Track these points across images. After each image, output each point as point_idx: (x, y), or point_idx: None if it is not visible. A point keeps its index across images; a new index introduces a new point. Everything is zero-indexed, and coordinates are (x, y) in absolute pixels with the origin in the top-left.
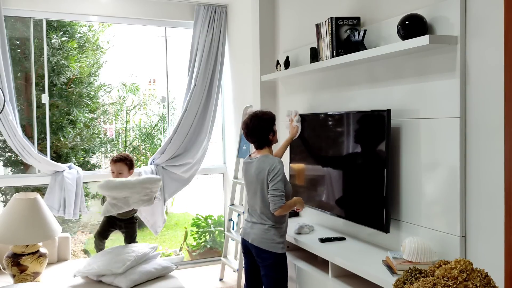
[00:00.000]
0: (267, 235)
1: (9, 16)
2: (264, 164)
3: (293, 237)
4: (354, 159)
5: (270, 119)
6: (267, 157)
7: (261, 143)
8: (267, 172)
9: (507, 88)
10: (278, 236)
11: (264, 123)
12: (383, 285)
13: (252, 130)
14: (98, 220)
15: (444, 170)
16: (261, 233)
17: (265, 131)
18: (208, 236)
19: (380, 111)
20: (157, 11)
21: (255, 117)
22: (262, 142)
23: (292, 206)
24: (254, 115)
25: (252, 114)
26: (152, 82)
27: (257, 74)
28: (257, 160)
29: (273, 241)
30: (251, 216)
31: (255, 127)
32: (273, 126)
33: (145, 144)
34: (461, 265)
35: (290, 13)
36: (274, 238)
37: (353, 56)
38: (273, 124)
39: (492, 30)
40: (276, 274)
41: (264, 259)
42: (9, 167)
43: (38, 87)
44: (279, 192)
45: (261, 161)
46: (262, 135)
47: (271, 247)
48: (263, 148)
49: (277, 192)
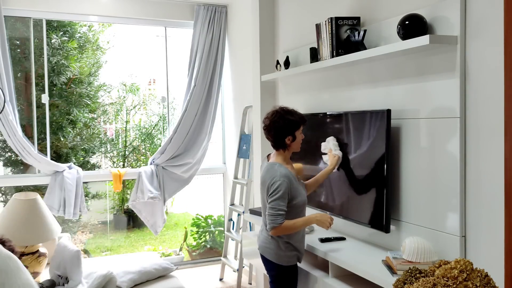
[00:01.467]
0: (270, 245)
1: (9, 16)
2: (267, 175)
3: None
4: (354, 159)
5: (293, 121)
6: (273, 167)
7: (276, 144)
8: (267, 186)
9: (507, 88)
10: (282, 248)
11: (285, 123)
12: (383, 285)
13: (269, 126)
14: (98, 220)
15: (444, 170)
16: (265, 242)
17: (282, 132)
18: (208, 236)
19: (380, 111)
20: (157, 11)
21: (277, 114)
22: (277, 143)
23: (300, 226)
24: (277, 111)
25: (277, 109)
26: (152, 82)
27: (257, 74)
28: (264, 166)
29: (276, 252)
30: (263, 221)
31: (274, 124)
32: (294, 130)
33: (145, 144)
34: (461, 265)
35: (290, 13)
36: (277, 249)
37: (353, 56)
38: (296, 129)
39: (492, 30)
40: (278, 286)
41: (268, 269)
42: (9, 167)
43: (38, 87)
44: (276, 211)
45: (266, 171)
46: (278, 136)
47: (274, 258)
48: (278, 150)
49: (273, 210)
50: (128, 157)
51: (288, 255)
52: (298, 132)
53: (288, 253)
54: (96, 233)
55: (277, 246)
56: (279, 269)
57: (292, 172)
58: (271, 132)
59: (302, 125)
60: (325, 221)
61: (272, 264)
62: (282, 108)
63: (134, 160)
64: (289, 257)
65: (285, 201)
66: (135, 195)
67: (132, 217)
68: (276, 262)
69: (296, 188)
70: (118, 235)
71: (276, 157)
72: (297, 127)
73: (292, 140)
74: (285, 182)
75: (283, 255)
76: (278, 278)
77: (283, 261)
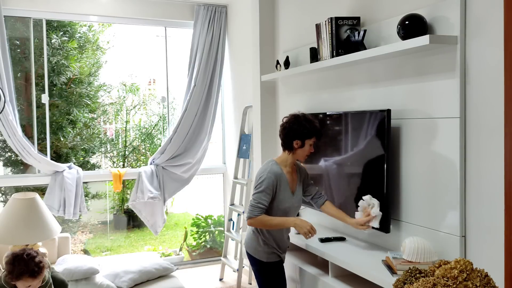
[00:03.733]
0: (251, 240)
1: (9, 16)
2: (260, 170)
3: (293, 237)
4: (354, 159)
5: (307, 129)
6: (267, 164)
7: (284, 144)
8: (255, 179)
9: (507, 88)
10: (261, 244)
11: (299, 127)
12: (383, 285)
13: (284, 125)
14: (98, 220)
15: (444, 170)
16: (248, 236)
17: (293, 135)
18: (208, 236)
19: (380, 111)
20: (157, 11)
21: (296, 117)
22: (285, 144)
23: (275, 225)
24: (298, 115)
25: (298, 114)
26: (152, 82)
27: (257, 74)
28: (265, 163)
29: (255, 247)
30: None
31: (289, 125)
32: (305, 138)
33: (145, 144)
34: (461, 265)
35: (290, 13)
36: (256, 245)
37: (353, 56)
38: (307, 137)
39: (492, 30)
40: (260, 280)
41: (251, 263)
42: (9, 167)
43: (38, 87)
44: (256, 203)
45: (261, 166)
46: (288, 137)
47: (253, 252)
48: (284, 151)
49: (253, 202)
50: (128, 157)
51: (266, 251)
52: (308, 141)
53: (266, 249)
54: (96, 233)
55: (256, 242)
56: (260, 264)
57: (287, 175)
58: (284, 131)
59: (314, 136)
60: (303, 227)
61: (253, 258)
62: (303, 114)
63: (134, 160)
64: (267, 253)
65: (267, 196)
66: (135, 195)
67: (132, 217)
68: (256, 257)
69: (283, 191)
70: (118, 235)
71: (278, 157)
72: (308, 136)
73: (300, 145)
74: (272, 179)
75: (261, 251)
76: (260, 273)
77: (262, 256)
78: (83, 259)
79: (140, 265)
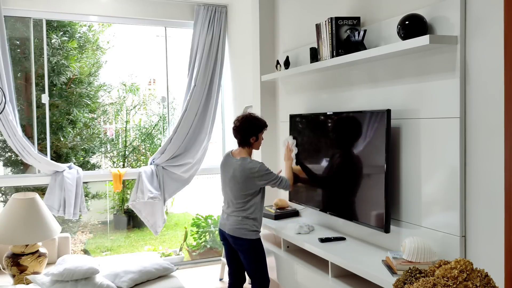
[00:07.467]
0: (241, 225)
1: (9, 16)
2: (248, 165)
3: (293, 237)
4: (354, 159)
5: (258, 125)
6: (246, 161)
7: (242, 142)
8: (256, 176)
9: (507, 88)
10: (251, 225)
11: (251, 126)
12: (383, 285)
13: (238, 127)
14: (98, 220)
15: (444, 170)
16: (235, 224)
17: (248, 133)
18: (208, 236)
19: (380, 111)
20: (157, 11)
21: (247, 118)
22: (243, 141)
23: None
24: (247, 116)
25: (247, 115)
26: (152, 82)
27: (257, 74)
28: (241, 161)
29: (246, 230)
30: (228, 207)
31: (243, 125)
32: (258, 133)
33: (145, 144)
34: (461, 265)
35: (290, 13)
36: (247, 227)
37: (353, 56)
38: (260, 132)
39: (492, 30)
40: (252, 256)
41: (240, 245)
42: (9, 167)
43: (38, 87)
44: (277, 178)
45: (245, 163)
46: (245, 135)
47: (244, 234)
48: (244, 147)
49: (277, 179)
50: (128, 157)
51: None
52: (261, 134)
53: (255, 228)
54: (96, 233)
55: (245, 225)
56: (250, 242)
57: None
58: (240, 132)
59: (264, 129)
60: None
61: (244, 240)
62: (250, 114)
63: (134, 160)
64: (256, 232)
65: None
66: (135, 195)
67: (132, 217)
68: (247, 238)
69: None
70: (118, 235)
71: (243, 153)
72: (260, 130)
73: (255, 140)
74: (264, 166)
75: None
76: (250, 249)
77: (252, 235)
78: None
79: (140, 265)
